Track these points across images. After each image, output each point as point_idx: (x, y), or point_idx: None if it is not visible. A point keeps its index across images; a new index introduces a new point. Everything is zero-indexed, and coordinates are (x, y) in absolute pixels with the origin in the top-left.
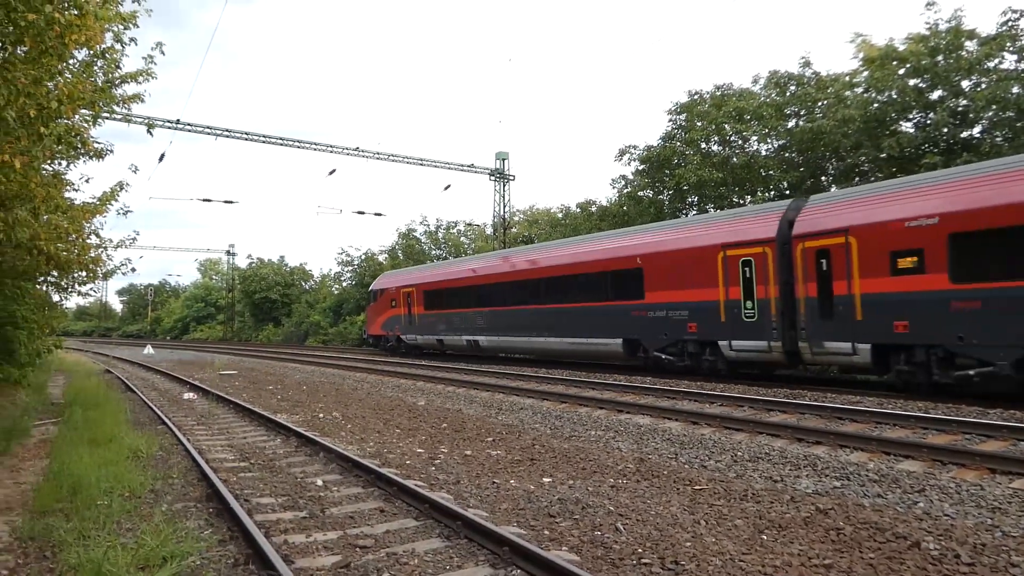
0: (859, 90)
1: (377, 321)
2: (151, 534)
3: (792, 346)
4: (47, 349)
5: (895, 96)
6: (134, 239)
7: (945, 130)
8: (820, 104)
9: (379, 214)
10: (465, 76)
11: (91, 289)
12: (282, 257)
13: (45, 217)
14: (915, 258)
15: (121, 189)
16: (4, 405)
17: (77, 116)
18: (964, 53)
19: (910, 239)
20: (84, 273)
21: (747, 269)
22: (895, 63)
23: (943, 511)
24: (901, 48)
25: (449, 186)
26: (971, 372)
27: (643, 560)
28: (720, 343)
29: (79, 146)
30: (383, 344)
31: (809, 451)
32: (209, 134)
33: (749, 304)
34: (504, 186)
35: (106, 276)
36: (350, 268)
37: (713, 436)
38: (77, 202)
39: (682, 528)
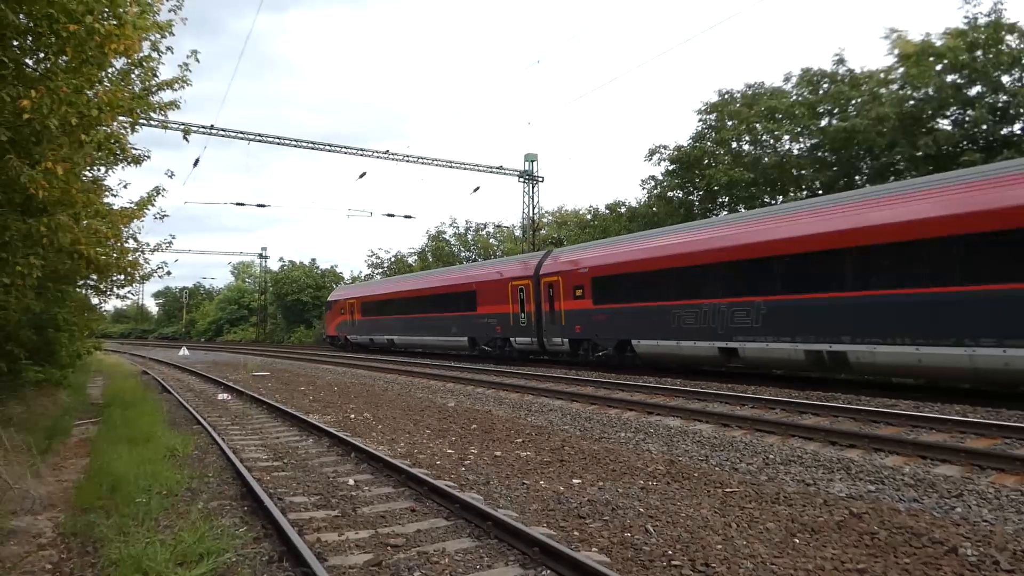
0: (894, 87)
1: (332, 324)
2: (188, 531)
3: (541, 340)
4: (87, 351)
5: (932, 93)
6: (170, 243)
7: (984, 127)
8: (854, 102)
9: (409, 216)
10: (494, 78)
11: (129, 292)
12: (313, 260)
13: (85, 222)
14: (582, 290)
15: (158, 194)
16: (46, 405)
17: (116, 123)
18: (1004, 48)
19: (580, 279)
20: (122, 276)
21: (522, 293)
22: (932, 59)
23: (981, 516)
24: (938, 43)
25: (478, 188)
26: (601, 353)
27: (673, 562)
28: (511, 339)
29: (118, 152)
30: (336, 342)
31: (843, 454)
32: (242, 139)
33: (523, 315)
34: (533, 187)
35: (143, 279)
36: (380, 270)
37: (744, 438)
38: (116, 207)
39: (713, 531)
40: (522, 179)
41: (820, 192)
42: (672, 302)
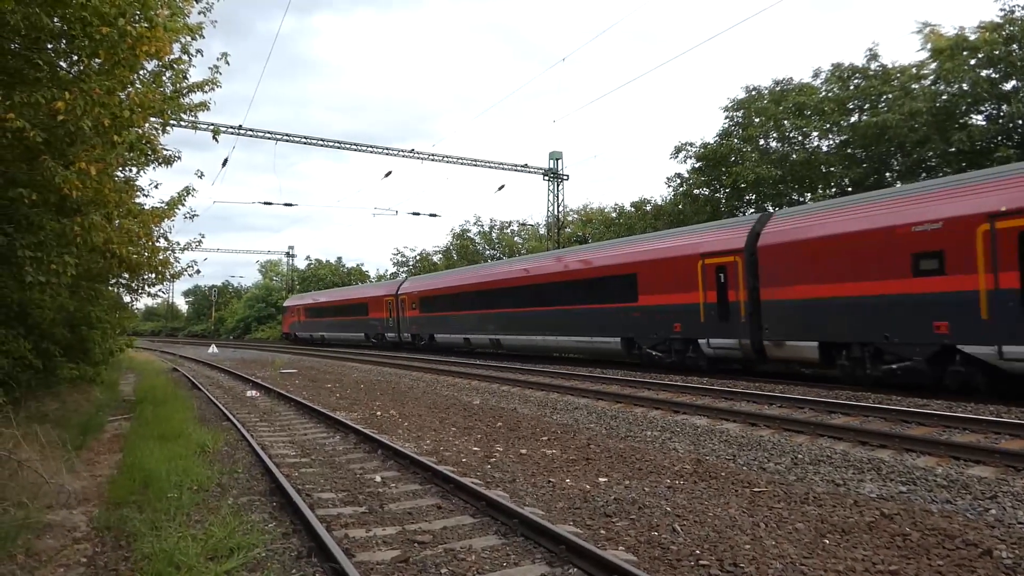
0: (926, 82)
1: (286, 323)
2: (219, 526)
3: (399, 334)
4: (119, 348)
5: (966, 87)
6: (200, 242)
7: (1020, 122)
8: (885, 98)
9: (434, 215)
10: (519, 77)
11: (159, 290)
12: (339, 258)
13: (117, 222)
14: (416, 305)
15: (188, 194)
16: (80, 402)
17: (147, 124)
18: None
19: (415, 299)
20: (153, 275)
21: (389, 305)
22: (966, 53)
23: (1016, 519)
24: (972, 37)
25: (503, 186)
26: (423, 343)
27: (701, 561)
28: (384, 334)
29: (149, 153)
30: (288, 337)
31: (873, 455)
32: (270, 139)
33: (391, 319)
34: (558, 186)
35: (174, 278)
36: (405, 268)
37: (772, 438)
38: (147, 207)
39: (741, 530)
40: (547, 177)
41: (850, 189)
42: (447, 313)
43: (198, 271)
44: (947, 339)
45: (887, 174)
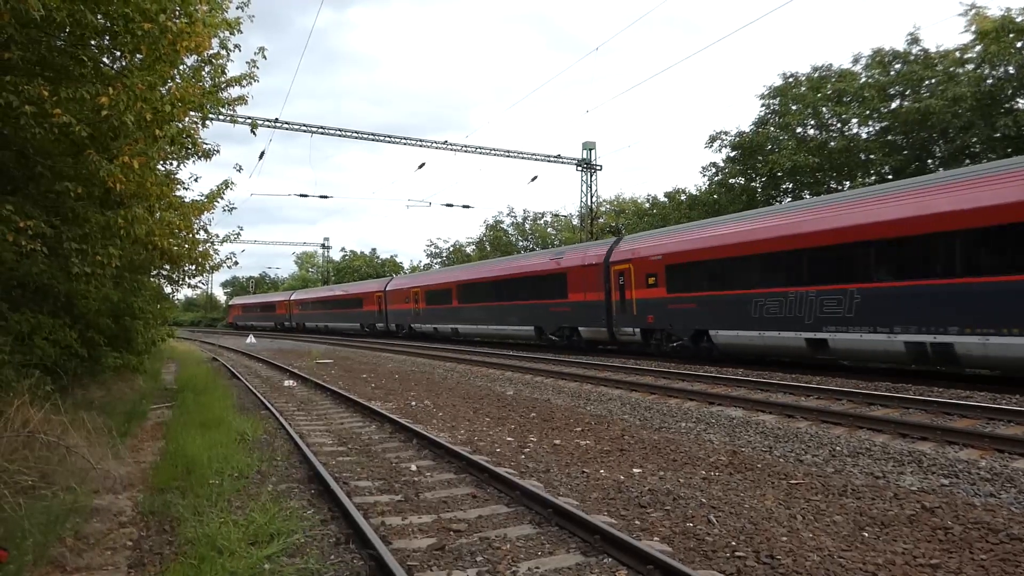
0: (971, 66)
1: (231, 316)
2: (259, 512)
3: (293, 324)
4: (160, 338)
5: (1012, 71)
6: (238, 234)
7: None
8: (927, 83)
9: (467, 206)
10: (552, 67)
11: (199, 282)
12: (374, 250)
13: (159, 214)
14: (298, 305)
15: (227, 187)
16: (124, 390)
17: (188, 118)
18: None
19: (297, 303)
20: (193, 267)
21: (287, 305)
22: (1012, 35)
23: None
24: (1019, 19)
25: (536, 177)
26: (300, 328)
27: (737, 553)
28: (283, 323)
29: (190, 147)
30: (233, 326)
31: (914, 447)
32: (305, 131)
33: (288, 314)
34: (591, 176)
35: (213, 269)
36: (439, 260)
37: (809, 430)
38: (187, 200)
39: (777, 522)
40: (580, 167)
41: (890, 177)
42: (309, 312)
43: (236, 263)
44: (411, 322)
45: (929, 161)
